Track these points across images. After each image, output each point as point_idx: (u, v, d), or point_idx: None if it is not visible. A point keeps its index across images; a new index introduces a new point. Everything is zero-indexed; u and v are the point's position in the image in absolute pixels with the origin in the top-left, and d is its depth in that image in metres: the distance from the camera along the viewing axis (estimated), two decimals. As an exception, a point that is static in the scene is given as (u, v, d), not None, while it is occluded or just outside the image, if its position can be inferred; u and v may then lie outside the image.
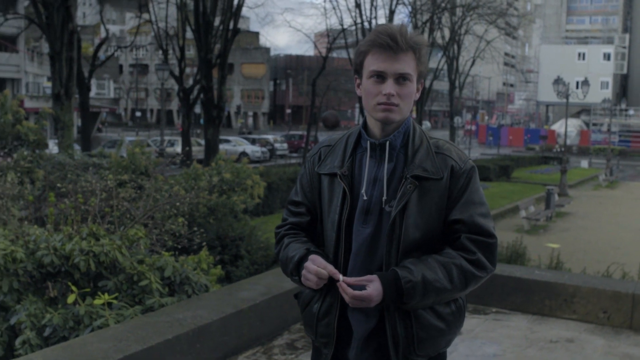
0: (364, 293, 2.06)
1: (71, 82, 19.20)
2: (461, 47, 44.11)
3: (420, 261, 2.14)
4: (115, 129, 68.96)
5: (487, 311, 5.93)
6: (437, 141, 2.26)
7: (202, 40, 24.98)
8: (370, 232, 2.19)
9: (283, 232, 2.38)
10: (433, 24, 38.85)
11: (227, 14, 25.42)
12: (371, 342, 2.22)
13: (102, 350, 3.80)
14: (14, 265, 4.90)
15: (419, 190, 2.15)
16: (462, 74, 46.88)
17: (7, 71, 45.80)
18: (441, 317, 2.20)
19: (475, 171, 2.24)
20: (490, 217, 2.25)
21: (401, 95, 2.16)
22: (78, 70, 26.66)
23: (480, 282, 2.22)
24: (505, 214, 21.17)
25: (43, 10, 19.17)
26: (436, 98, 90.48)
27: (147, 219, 6.84)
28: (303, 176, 2.40)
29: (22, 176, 8.95)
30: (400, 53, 2.13)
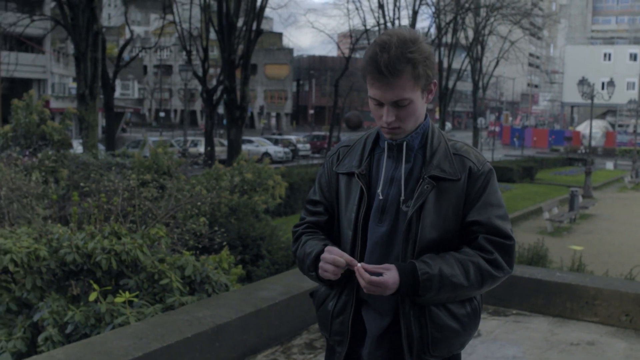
0: (380, 279, 2.06)
1: (96, 83, 19.40)
2: (485, 48, 43.86)
3: (438, 256, 2.15)
4: (139, 129, 69.55)
5: (507, 313, 5.90)
6: (455, 143, 2.26)
7: (225, 41, 25.12)
8: (386, 231, 2.21)
9: (301, 231, 2.40)
10: (457, 25, 38.72)
11: (250, 14, 25.52)
12: (385, 341, 2.23)
13: (122, 347, 3.85)
14: (38, 263, 4.97)
15: (436, 191, 2.15)
16: (486, 75, 46.61)
17: (33, 72, 46.37)
18: (456, 318, 2.20)
19: (493, 173, 2.24)
20: (508, 219, 2.24)
21: (401, 118, 2.15)
22: (103, 70, 26.96)
23: (496, 283, 2.22)
24: (529, 215, 21.01)
25: (68, 11, 19.40)
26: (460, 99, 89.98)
27: (169, 218, 6.90)
28: (322, 176, 2.42)
29: (46, 175, 9.07)
30: (393, 79, 2.08)
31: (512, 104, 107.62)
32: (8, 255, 4.76)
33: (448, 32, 39.03)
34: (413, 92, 2.12)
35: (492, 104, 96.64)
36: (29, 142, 9.93)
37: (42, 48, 46.26)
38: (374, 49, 2.11)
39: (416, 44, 2.10)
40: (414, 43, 2.10)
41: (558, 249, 13.09)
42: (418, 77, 2.11)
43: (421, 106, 2.19)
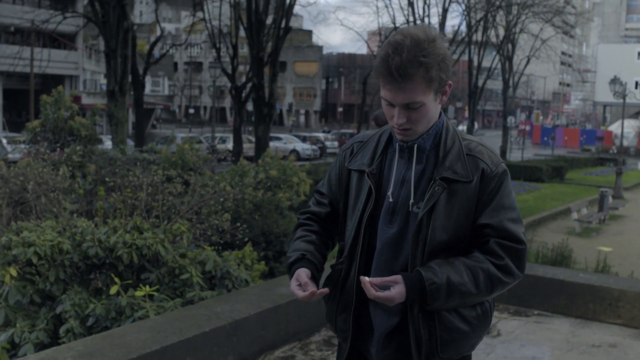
0: (386, 294, 2.04)
1: (125, 80, 19.60)
2: (516, 46, 43.40)
3: (446, 262, 2.11)
4: (169, 125, 70.15)
5: (528, 313, 5.85)
6: (469, 143, 2.21)
7: (254, 38, 25.21)
8: (395, 232, 2.18)
9: (301, 221, 2.43)
10: (487, 23, 38.37)
11: (279, 12, 25.57)
12: (392, 341, 2.21)
13: (141, 340, 3.89)
14: (61, 256, 5.05)
15: (448, 193, 2.12)
16: (517, 73, 46.14)
17: (66, 68, 47.06)
18: (466, 320, 2.16)
19: (507, 175, 2.19)
20: (521, 222, 2.19)
21: (412, 120, 2.12)
22: (133, 67, 27.25)
23: (506, 288, 2.17)
24: (557, 215, 20.76)
25: (99, 8, 19.63)
26: (490, 97, 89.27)
27: (192, 213, 6.95)
28: (333, 169, 2.42)
29: (73, 170, 9.20)
30: (405, 83, 2.04)
31: (543, 103, 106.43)
32: (32, 248, 4.84)
33: (478, 30, 38.70)
34: (425, 95, 2.08)
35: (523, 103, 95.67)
36: (57, 137, 10.08)
37: (74, 45, 46.91)
38: (386, 49, 2.06)
39: (430, 46, 2.04)
40: (429, 44, 2.04)
41: (586, 250, 12.93)
42: (431, 81, 2.06)
43: (434, 108, 2.15)
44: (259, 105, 25.76)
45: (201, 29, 58.47)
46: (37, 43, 39.13)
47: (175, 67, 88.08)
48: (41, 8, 34.07)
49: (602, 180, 32.45)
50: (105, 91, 20.18)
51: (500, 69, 43.84)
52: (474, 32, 38.52)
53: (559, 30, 45.18)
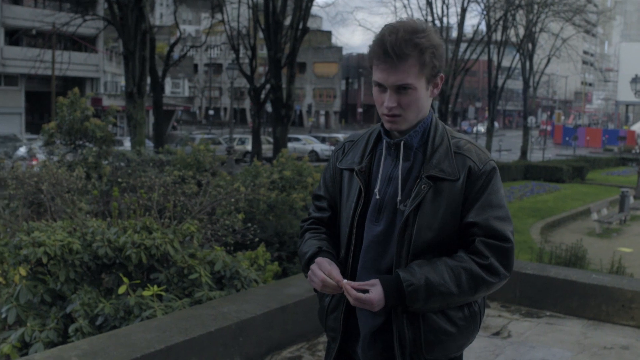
0: (365, 296, 2.04)
1: (144, 81, 19.74)
2: (536, 45, 43.05)
3: (428, 263, 2.09)
4: (189, 127, 70.59)
5: (540, 314, 5.79)
6: (458, 141, 2.19)
7: (272, 39, 25.28)
8: (382, 230, 2.17)
9: (306, 227, 2.40)
10: (507, 22, 38.12)
11: (297, 13, 25.61)
12: (378, 340, 2.19)
13: (146, 340, 3.91)
14: (71, 256, 5.09)
15: (434, 191, 2.10)
16: (537, 73, 45.77)
17: (86, 70, 47.47)
18: (452, 321, 2.13)
19: (496, 173, 2.17)
20: (509, 221, 2.16)
21: (403, 105, 2.11)
22: (152, 69, 27.42)
23: (492, 288, 2.14)
24: (577, 216, 20.57)
25: (118, 11, 19.78)
26: (511, 97, 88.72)
27: (204, 214, 6.98)
28: (327, 170, 2.41)
29: (89, 171, 9.27)
30: (398, 63, 2.05)
31: (564, 103, 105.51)
32: (42, 248, 4.89)
33: (498, 29, 38.47)
34: (417, 80, 2.09)
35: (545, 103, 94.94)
36: (72, 139, 10.18)
37: (95, 47, 47.32)
38: (382, 32, 2.10)
39: (425, 32, 2.08)
40: (423, 31, 2.08)
41: (605, 250, 12.79)
42: (424, 65, 2.07)
43: (425, 97, 2.15)
44: (277, 107, 25.83)
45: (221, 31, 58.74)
46: (59, 46, 39.58)
47: (196, 69, 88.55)
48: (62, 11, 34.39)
49: (624, 180, 32.09)
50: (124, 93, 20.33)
51: (520, 69, 43.53)
52: (494, 32, 38.28)
53: (580, 29, 44.75)
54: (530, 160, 38.80)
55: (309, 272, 2.18)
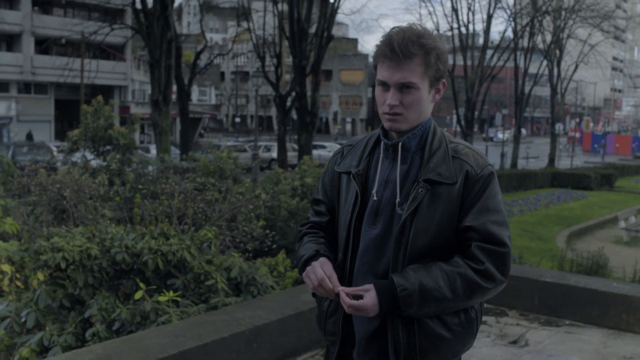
0: (359, 303, 2.05)
1: (169, 89, 19.91)
2: (563, 52, 42.63)
3: (423, 268, 2.08)
4: (216, 134, 71.03)
5: (559, 323, 5.73)
6: (456, 145, 2.20)
7: (297, 47, 25.37)
8: (379, 233, 2.17)
9: (304, 231, 2.41)
10: (533, 28, 37.83)
11: (321, 21, 25.68)
12: (373, 345, 2.19)
13: (159, 345, 3.94)
14: (90, 261, 5.15)
15: (431, 195, 2.10)
16: (565, 80, 45.31)
17: (115, 79, 48.09)
18: (447, 327, 2.13)
19: (494, 178, 2.16)
20: (506, 226, 2.15)
21: (405, 104, 2.13)
22: (178, 77, 27.66)
23: (488, 293, 2.13)
24: (604, 224, 20.29)
25: (144, 20, 20.01)
26: (539, 104, 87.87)
27: (223, 220, 7.02)
28: (326, 174, 2.42)
29: (112, 178, 9.38)
30: (403, 61, 2.08)
31: (593, 110, 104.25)
32: (60, 253, 4.95)
33: (524, 36, 38.19)
34: (421, 80, 2.11)
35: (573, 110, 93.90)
36: (96, 146, 10.31)
37: (123, 56, 47.89)
38: (389, 32, 2.15)
39: (430, 36, 2.13)
40: (429, 35, 2.13)
41: (632, 259, 12.55)
42: (429, 66, 2.11)
43: (427, 100, 2.17)
44: (301, 114, 25.89)
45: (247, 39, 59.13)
46: (88, 54, 40.14)
47: (223, 77, 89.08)
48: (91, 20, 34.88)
49: (654, 188, 31.61)
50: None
51: (547, 75, 43.13)
52: (520, 38, 38.00)
53: (608, 35, 44.20)
54: (557, 167, 38.40)
55: (307, 268, 2.18)
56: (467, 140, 35.64)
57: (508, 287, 6.36)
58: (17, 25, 42.96)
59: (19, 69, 43.59)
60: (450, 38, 35.75)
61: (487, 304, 6.18)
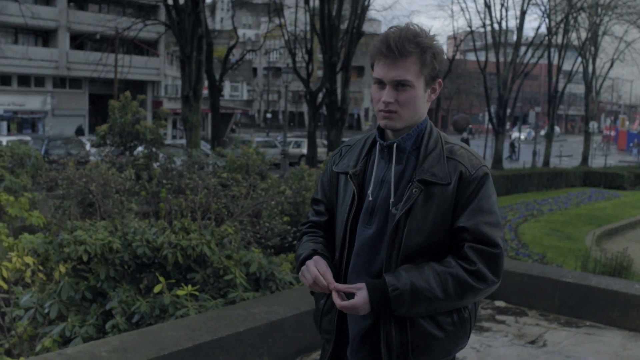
0: (350, 303, 2.08)
1: (200, 85, 20.09)
2: (598, 49, 41.98)
3: (415, 268, 2.10)
4: (247, 129, 71.39)
5: (579, 324, 5.68)
6: (452, 146, 2.22)
7: (327, 43, 25.41)
8: (373, 233, 2.19)
9: (304, 230, 2.44)
10: (568, 25, 37.32)
11: (352, 17, 25.68)
12: (366, 343, 2.21)
13: (174, 338, 4.00)
14: (111, 254, 5.25)
15: (425, 195, 2.12)
16: (600, 77, 44.61)
17: (148, 74, 48.60)
18: (440, 326, 2.14)
19: (488, 179, 2.17)
20: (500, 227, 2.16)
21: (400, 102, 2.14)
22: (209, 73, 27.88)
23: (480, 294, 2.13)
24: (636, 224, 19.95)
25: (175, 16, 20.20)
26: (573, 102, 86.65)
27: (245, 216, 7.08)
28: (324, 174, 2.45)
29: (139, 172, 9.51)
30: (399, 59, 2.11)
31: (630, 108, 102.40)
32: (82, 246, 5.06)
33: (559, 33, 37.69)
34: (417, 79, 2.13)
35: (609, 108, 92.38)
36: (123, 141, 10.46)
37: (156, 51, 48.37)
38: (387, 32, 2.18)
39: (427, 36, 2.16)
40: (427, 35, 2.16)
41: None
42: (424, 64, 2.13)
43: (422, 99, 2.18)
44: (331, 110, 25.95)
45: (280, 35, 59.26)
46: (121, 50, 40.63)
47: (255, 73, 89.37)
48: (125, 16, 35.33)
49: (690, 188, 30.98)
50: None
51: (582, 73, 42.52)
52: (554, 35, 37.52)
53: (646, 32, 43.39)
54: (591, 166, 37.87)
55: (302, 268, 2.22)
56: (497, 138, 35.36)
57: (529, 287, 6.30)
58: (53, 21, 43.64)
59: (55, 64, 44.31)
60: (483, 35, 35.44)
61: (506, 303, 6.16)
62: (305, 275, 2.19)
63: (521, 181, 25.93)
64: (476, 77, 55.17)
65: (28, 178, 8.62)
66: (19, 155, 9.29)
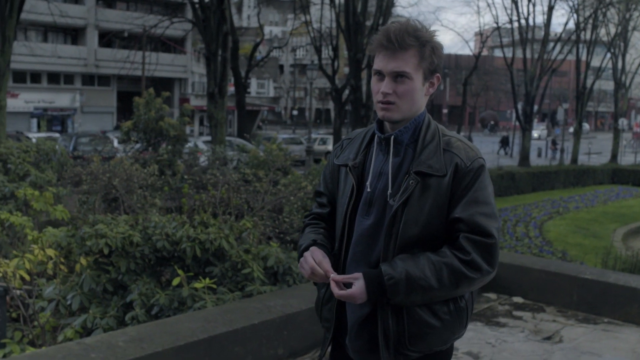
0: (347, 292, 2.13)
1: (225, 82, 20.24)
2: (628, 44, 41.37)
3: (411, 258, 2.14)
4: (274, 126, 71.62)
5: (597, 321, 5.65)
6: (449, 139, 2.25)
7: (352, 40, 25.42)
8: (371, 223, 2.24)
9: (306, 222, 2.49)
10: (597, 20, 36.85)
11: (377, 13, 25.67)
12: (364, 331, 2.26)
13: (190, 329, 4.08)
14: (132, 248, 5.35)
15: (422, 187, 2.16)
16: (630, 73, 43.96)
17: (175, 71, 49.03)
18: (436, 315, 2.18)
19: (484, 170, 2.20)
20: (495, 217, 2.19)
21: (398, 93, 2.19)
22: (235, 70, 28.05)
23: (475, 283, 2.17)
24: (664, 222, 19.72)
25: (201, 13, 20.37)
26: (603, 99, 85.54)
27: (265, 211, 7.16)
28: (326, 167, 2.50)
29: (163, 168, 9.64)
30: (398, 51, 2.15)
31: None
32: (103, 239, 5.17)
33: (587, 28, 37.23)
34: (415, 71, 2.18)
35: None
36: (147, 137, 10.61)
37: (183, 49, 48.75)
38: (387, 25, 2.24)
39: (427, 31, 2.21)
40: (427, 30, 2.21)
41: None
42: (423, 57, 2.18)
43: (420, 92, 2.23)
44: (356, 107, 25.97)
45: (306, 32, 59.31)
46: (149, 47, 41.04)
47: (282, 70, 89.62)
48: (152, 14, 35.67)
49: None
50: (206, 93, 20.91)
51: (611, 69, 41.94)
52: (583, 30, 37.07)
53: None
54: (620, 163, 37.38)
55: (301, 259, 2.28)
56: (524, 135, 35.07)
57: (547, 283, 6.28)
58: (81, 19, 44.21)
59: (83, 61, 44.89)
60: (510, 31, 35.16)
61: (524, 299, 6.15)
62: (304, 266, 2.25)
63: (547, 178, 25.71)
64: (504, 73, 54.74)
65: (53, 173, 8.80)
66: (45, 151, 9.50)
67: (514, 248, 13.43)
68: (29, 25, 41.41)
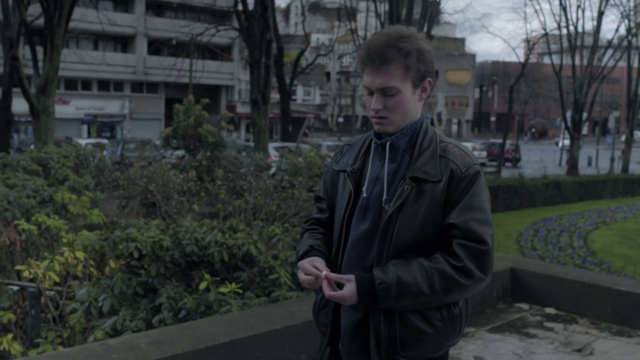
0: (338, 293, 2.14)
1: (268, 89, 20.42)
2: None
3: (403, 263, 2.14)
4: (320, 134, 71.90)
5: (632, 334, 5.52)
6: (446, 145, 2.25)
7: (396, 47, 25.39)
8: (367, 228, 2.24)
9: (306, 227, 2.52)
10: (648, 26, 36.02)
11: (421, 20, 25.58)
12: (357, 335, 2.26)
13: (212, 333, 4.13)
14: (162, 252, 5.44)
15: (417, 192, 2.15)
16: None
17: (221, 78, 49.67)
18: (428, 321, 2.17)
19: (479, 177, 2.19)
20: (489, 224, 2.17)
21: (389, 107, 2.18)
22: (280, 77, 28.26)
23: (467, 290, 2.15)
24: None
25: (245, 21, 20.61)
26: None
27: (298, 217, 7.19)
28: (327, 173, 2.52)
29: (202, 175, 9.77)
30: (381, 66, 2.13)
31: None
32: (134, 243, 5.26)
33: (638, 34, 36.41)
34: (402, 83, 2.16)
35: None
36: (186, 144, 10.77)
37: (230, 56, 49.35)
38: (368, 39, 2.21)
39: (410, 37, 2.16)
40: (409, 36, 2.16)
41: None
42: (408, 68, 2.15)
43: (412, 101, 2.21)
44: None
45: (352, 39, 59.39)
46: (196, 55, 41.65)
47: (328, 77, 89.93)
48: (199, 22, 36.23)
49: None
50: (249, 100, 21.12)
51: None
52: (634, 36, 36.27)
53: None
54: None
55: (298, 271, 2.30)
56: (573, 143, 34.43)
57: (580, 294, 6.17)
58: (131, 28, 45.17)
59: (132, 69, 45.83)
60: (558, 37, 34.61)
61: (557, 310, 6.04)
62: (299, 275, 2.26)
63: (595, 188, 25.18)
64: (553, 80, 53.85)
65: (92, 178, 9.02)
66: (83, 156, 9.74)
67: (557, 258, 13.18)
68: (80, 33, 42.48)
